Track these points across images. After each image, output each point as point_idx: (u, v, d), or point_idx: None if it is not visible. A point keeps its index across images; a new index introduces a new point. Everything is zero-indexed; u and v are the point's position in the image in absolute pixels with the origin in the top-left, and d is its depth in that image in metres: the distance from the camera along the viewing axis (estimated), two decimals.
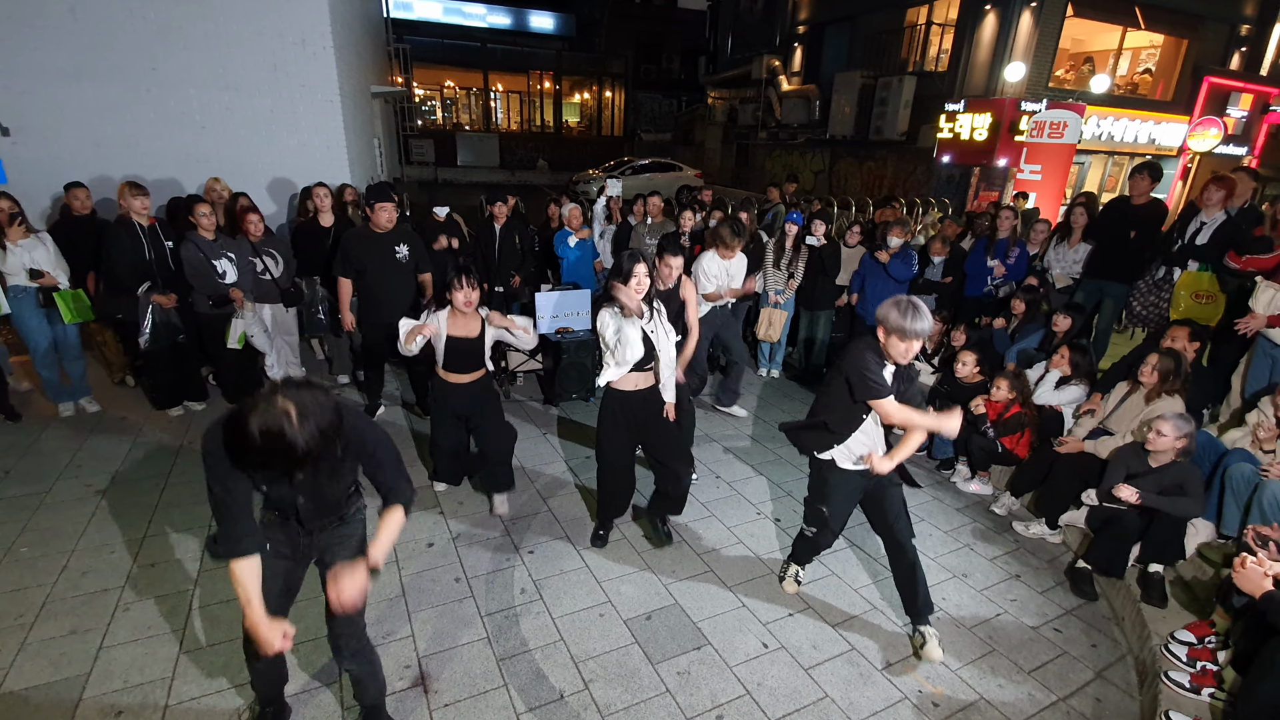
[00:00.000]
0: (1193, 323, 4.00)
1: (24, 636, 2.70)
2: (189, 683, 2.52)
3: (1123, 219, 5.11)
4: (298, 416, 1.58)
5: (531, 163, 24.38)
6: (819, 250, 5.43)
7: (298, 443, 1.58)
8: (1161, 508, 3.08)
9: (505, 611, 3.00)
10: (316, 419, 1.61)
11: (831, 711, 2.57)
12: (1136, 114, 14.29)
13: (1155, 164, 5.06)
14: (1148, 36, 14.46)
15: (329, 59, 6.20)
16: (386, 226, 4.29)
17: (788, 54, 20.01)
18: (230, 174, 6.04)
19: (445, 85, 25.16)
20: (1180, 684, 2.62)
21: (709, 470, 4.36)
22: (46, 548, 3.27)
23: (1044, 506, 3.80)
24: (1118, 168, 15.06)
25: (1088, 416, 3.96)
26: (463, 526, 3.62)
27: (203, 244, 4.38)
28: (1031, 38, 12.99)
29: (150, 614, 2.86)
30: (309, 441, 1.59)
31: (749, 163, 22.02)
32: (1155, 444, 3.14)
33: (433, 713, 2.46)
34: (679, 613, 3.05)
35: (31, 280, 4.20)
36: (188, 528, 3.46)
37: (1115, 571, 3.27)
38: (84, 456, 4.13)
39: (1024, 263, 5.49)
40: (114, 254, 4.36)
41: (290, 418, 1.57)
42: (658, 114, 28.58)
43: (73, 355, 4.57)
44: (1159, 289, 4.77)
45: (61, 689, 2.47)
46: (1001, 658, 2.90)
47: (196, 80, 5.85)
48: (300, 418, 1.58)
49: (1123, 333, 5.80)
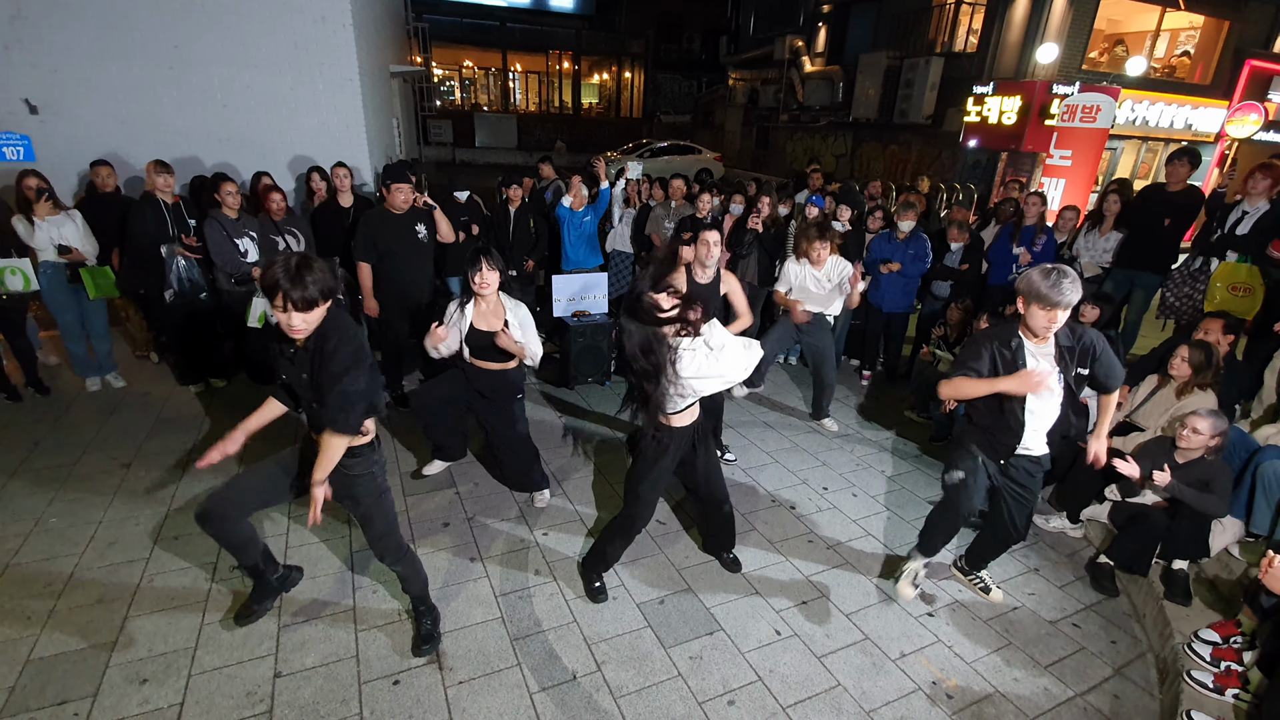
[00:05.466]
0: (1228, 315, 3.89)
1: (53, 604, 2.77)
2: (211, 652, 2.58)
3: (1158, 207, 4.96)
4: (298, 264, 1.94)
5: (550, 144, 24.24)
6: (843, 236, 5.34)
7: (288, 290, 1.92)
8: (1189, 501, 3.01)
9: (519, 592, 3.02)
10: (311, 276, 1.95)
11: (844, 700, 2.57)
12: (1173, 98, 13.85)
13: (1194, 150, 4.90)
14: (1187, 17, 13.94)
15: (348, 37, 6.18)
16: (403, 207, 4.26)
17: (811, 34, 19.63)
18: (251, 152, 6.09)
19: (464, 65, 25.03)
20: (1203, 684, 2.57)
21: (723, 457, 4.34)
22: (74, 518, 3.35)
23: (1065, 500, 3.74)
24: (1151, 154, 14.63)
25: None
26: (478, 507, 3.64)
27: (226, 222, 4.41)
28: (1066, 18, 12.60)
29: (174, 585, 2.93)
30: (295, 284, 1.93)
31: (769, 145, 21.73)
32: (1189, 441, 3.06)
33: (447, 690, 2.49)
34: (691, 597, 3.05)
35: (60, 256, 4.27)
36: None
37: (1139, 569, 3.22)
38: (110, 430, 4.22)
39: (1051, 250, 5.36)
40: (137, 230, 4.42)
41: (288, 266, 1.93)
42: (677, 95, 28.24)
43: (99, 331, 4.66)
44: (1194, 280, 4.63)
45: (89, 656, 2.53)
46: (1018, 651, 2.87)
47: (218, 58, 5.87)
48: (300, 272, 1.92)
49: (1155, 324, 5.65)
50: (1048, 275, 2.32)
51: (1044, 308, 2.35)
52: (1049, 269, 2.34)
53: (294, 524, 3.37)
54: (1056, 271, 2.32)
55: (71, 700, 2.34)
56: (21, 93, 5.50)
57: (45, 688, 2.39)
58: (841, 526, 3.68)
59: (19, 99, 5.51)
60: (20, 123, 5.51)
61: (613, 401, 5.06)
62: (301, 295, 1.93)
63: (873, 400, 5.41)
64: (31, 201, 4.16)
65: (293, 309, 1.94)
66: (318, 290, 1.97)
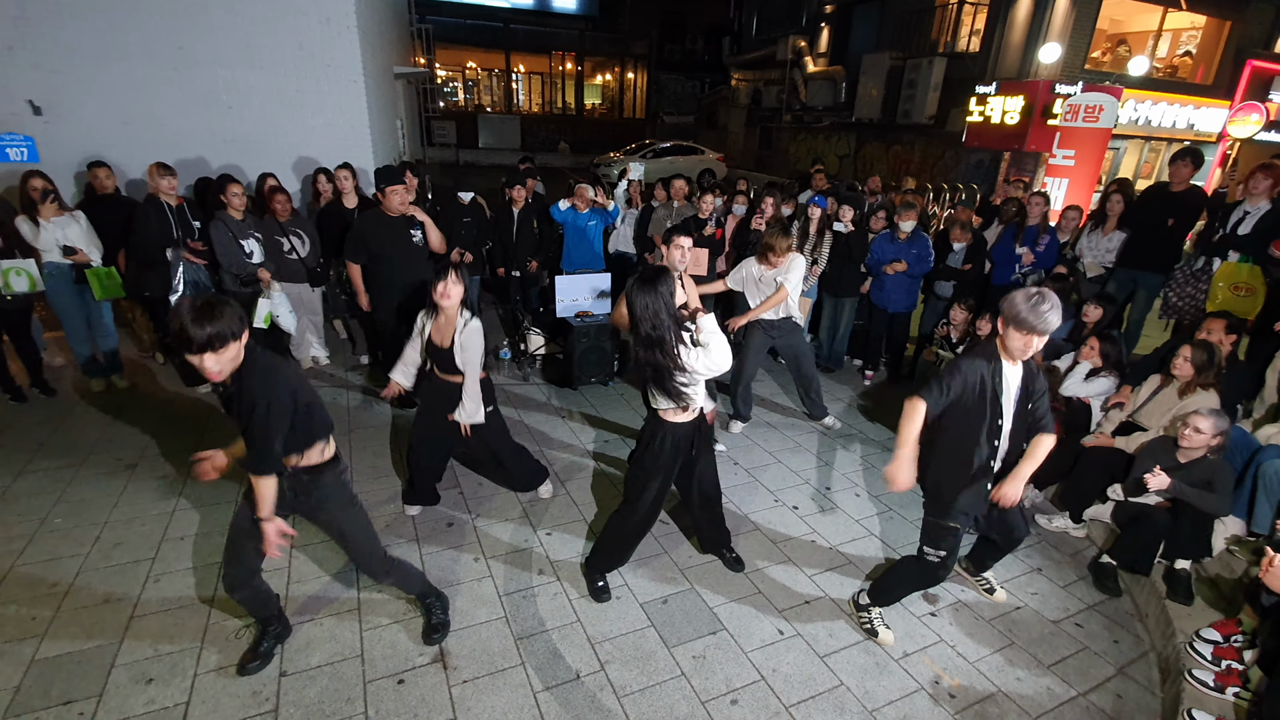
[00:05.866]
0: (1230, 315, 3.88)
1: (59, 605, 2.79)
2: (216, 652, 2.59)
3: (1161, 206, 4.96)
4: (200, 306, 1.90)
5: (553, 145, 24.28)
6: (846, 236, 5.34)
7: (191, 330, 1.87)
8: (1190, 500, 3.02)
9: (523, 591, 3.03)
10: (217, 323, 1.91)
11: (847, 699, 2.57)
12: (1175, 98, 13.84)
13: (1197, 150, 4.90)
14: (1189, 17, 13.94)
15: (353, 38, 6.20)
16: (399, 210, 4.24)
17: (814, 34, 19.65)
18: (256, 154, 6.11)
19: (467, 66, 25.06)
20: (1204, 682, 2.58)
21: (727, 456, 4.35)
22: (79, 519, 3.36)
23: (1068, 500, 3.74)
24: (1154, 154, 14.62)
25: (1116, 409, 3.88)
26: (482, 507, 3.65)
27: (231, 223, 4.43)
28: (1069, 18, 12.60)
29: (180, 585, 2.94)
30: (200, 334, 1.88)
31: (772, 146, 21.75)
32: (1191, 440, 3.06)
33: (452, 689, 2.50)
34: (695, 597, 3.06)
35: (65, 257, 4.29)
36: (214, 502, 3.53)
37: (1142, 569, 3.22)
38: (115, 431, 4.24)
39: (1054, 250, 5.36)
40: (143, 233, 4.44)
41: (193, 309, 1.89)
42: (680, 96, 28.25)
43: (105, 332, 4.67)
44: (1197, 280, 4.63)
45: (94, 655, 2.55)
46: (1021, 651, 2.88)
47: (223, 59, 5.89)
48: (202, 314, 1.88)
49: (1159, 324, 5.65)
50: (1029, 298, 2.24)
51: (1022, 331, 2.27)
52: (1032, 292, 2.26)
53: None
54: (1039, 295, 2.25)
55: (77, 700, 2.36)
56: (25, 94, 5.53)
57: (50, 688, 2.40)
58: (844, 526, 3.69)
59: (23, 100, 5.53)
60: (24, 124, 5.53)
61: (616, 402, 5.07)
62: (207, 335, 1.90)
63: (876, 400, 5.41)
64: (36, 202, 4.18)
65: (201, 351, 1.92)
66: (220, 329, 1.92)
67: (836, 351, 5.88)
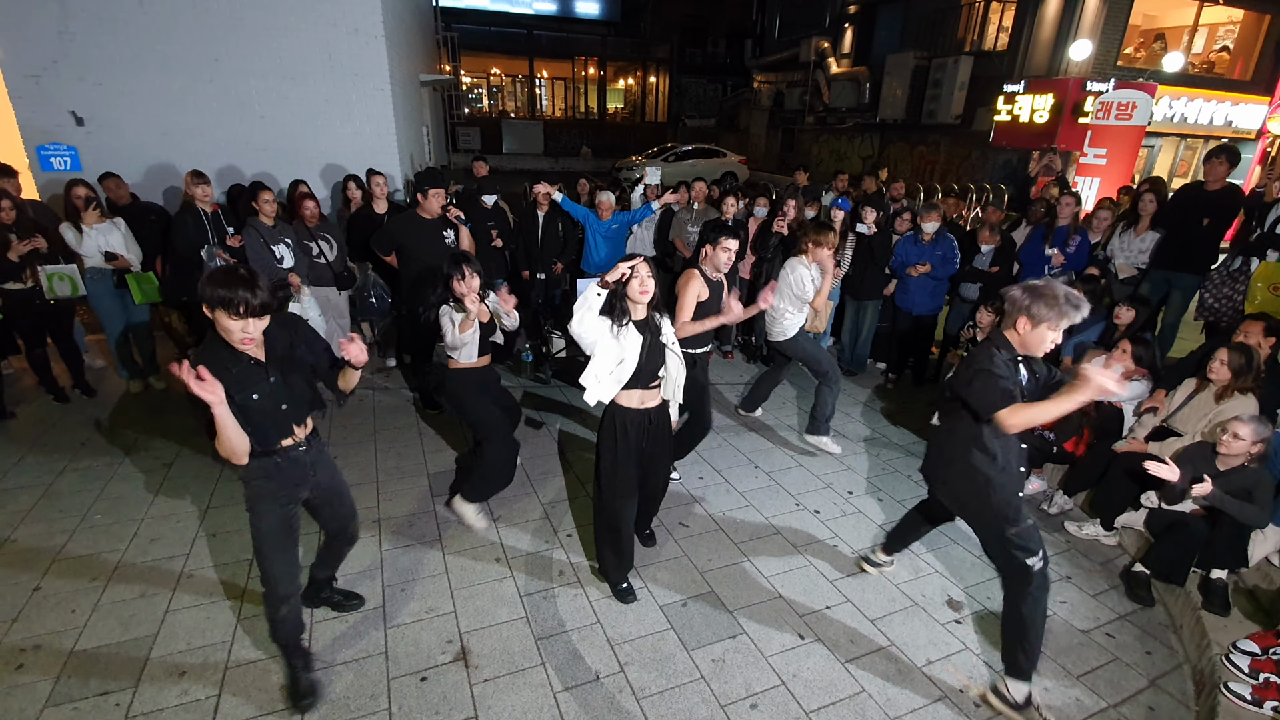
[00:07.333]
0: (1268, 317, 3.77)
1: (97, 598, 2.89)
2: (246, 647, 2.66)
3: (1196, 206, 4.83)
4: (245, 279, 2.00)
5: (575, 149, 24.43)
6: (869, 239, 5.29)
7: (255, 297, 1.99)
8: (1229, 510, 2.92)
9: (543, 592, 3.06)
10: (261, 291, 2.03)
11: (868, 707, 2.55)
12: (1212, 94, 13.46)
13: (1233, 148, 4.77)
14: (1226, 12, 13.56)
15: (380, 48, 6.33)
16: (436, 212, 4.37)
17: (837, 35, 19.50)
18: (287, 161, 6.27)
19: (491, 73, 25.39)
20: (1241, 696, 2.50)
21: (748, 460, 4.34)
22: (118, 515, 3.48)
23: (1099, 507, 3.66)
24: (1190, 151, 14.22)
25: (1150, 414, 3.78)
26: (503, 509, 3.69)
27: (263, 230, 4.55)
28: (1100, 13, 12.33)
29: (212, 581, 3.02)
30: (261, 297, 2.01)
31: (794, 148, 21.62)
32: (1230, 447, 2.97)
33: (473, 687, 2.53)
34: (714, 600, 3.06)
35: (107, 263, 4.44)
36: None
37: (1177, 579, 3.13)
38: (153, 431, 4.37)
39: (1085, 251, 5.25)
40: (179, 239, 4.58)
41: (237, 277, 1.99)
42: (702, 99, 28.24)
43: (143, 335, 4.83)
44: (1234, 280, 4.50)
45: (130, 648, 2.63)
46: (1049, 660, 2.81)
47: (256, 70, 6.06)
48: (249, 281, 1.99)
49: (1194, 326, 5.49)
50: (1066, 297, 2.21)
51: (1054, 327, 2.25)
52: (1062, 290, 2.24)
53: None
54: (1070, 291, 2.23)
55: (113, 691, 2.44)
56: (68, 105, 5.75)
57: (89, 679, 2.49)
58: (866, 531, 3.65)
59: (66, 111, 5.75)
60: (68, 134, 5.76)
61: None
62: (260, 302, 2.02)
63: (899, 404, 5.35)
64: (80, 210, 4.33)
65: (262, 314, 2.04)
66: (268, 297, 2.06)
67: (859, 355, 5.83)
